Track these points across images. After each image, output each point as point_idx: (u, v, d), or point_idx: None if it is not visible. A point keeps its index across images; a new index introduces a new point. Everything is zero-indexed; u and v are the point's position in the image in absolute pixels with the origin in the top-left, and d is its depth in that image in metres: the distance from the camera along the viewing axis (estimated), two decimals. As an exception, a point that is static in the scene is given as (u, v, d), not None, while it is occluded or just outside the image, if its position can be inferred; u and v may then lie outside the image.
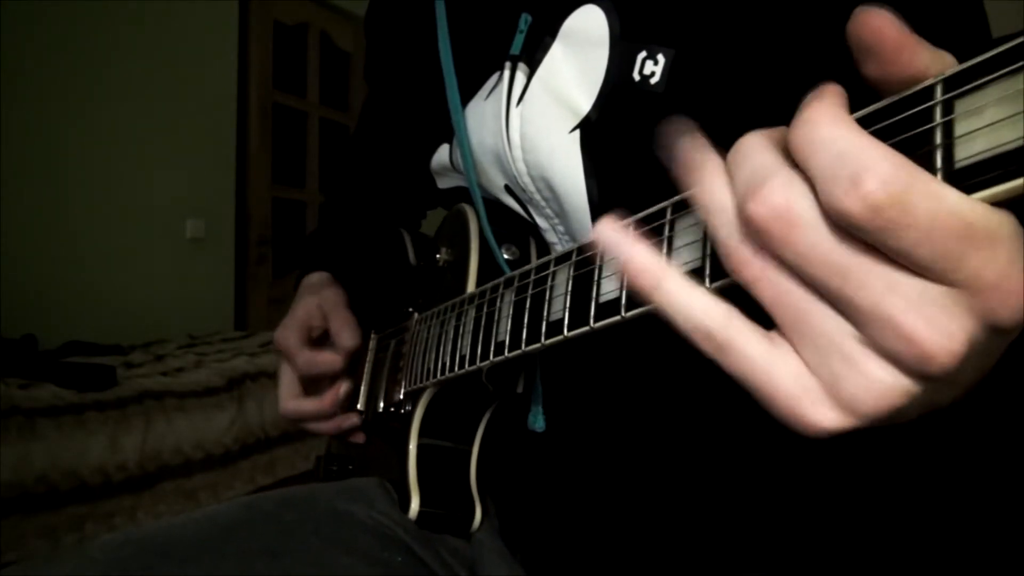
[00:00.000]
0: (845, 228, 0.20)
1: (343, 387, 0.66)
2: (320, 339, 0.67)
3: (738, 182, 0.22)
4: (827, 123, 0.20)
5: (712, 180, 0.24)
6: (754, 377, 0.23)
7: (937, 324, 0.19)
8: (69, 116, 2.60)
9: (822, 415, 0.22)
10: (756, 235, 0.22)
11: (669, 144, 0.25)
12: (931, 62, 0.20)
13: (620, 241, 0.26)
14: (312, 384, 0.68)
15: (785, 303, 0.22)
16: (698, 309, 0.24)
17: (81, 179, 2.66)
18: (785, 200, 0.21)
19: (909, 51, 0.20)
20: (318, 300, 0.68)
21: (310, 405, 0.66)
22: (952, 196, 0.18)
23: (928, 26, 0.22)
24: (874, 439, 0.39)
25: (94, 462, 1.73)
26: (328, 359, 0.65)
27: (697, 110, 0.42)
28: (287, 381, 0.67)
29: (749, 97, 0.40)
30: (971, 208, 0.18)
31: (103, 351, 2.34)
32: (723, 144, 0.26)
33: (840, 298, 0.21)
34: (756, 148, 0.23)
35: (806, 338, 0.22)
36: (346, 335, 0.64)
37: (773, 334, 0.23)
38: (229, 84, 3.29)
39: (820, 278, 0.21)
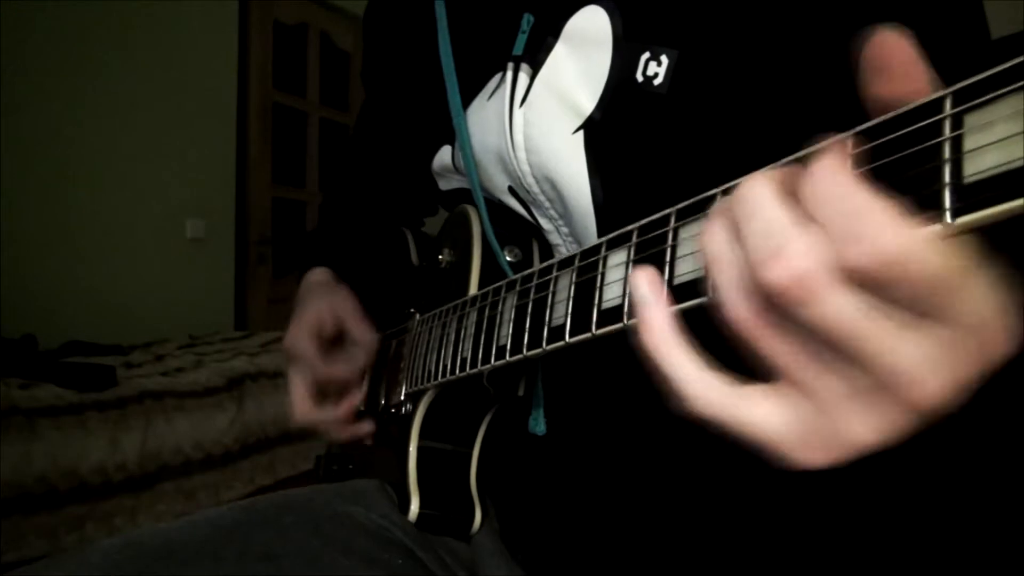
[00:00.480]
0: (859, 283, 0.20)
1: (358, 398, 0.65)
2: (329, 343, 0.67)
3: (749, 241, 0.23)
4: (830, 176, 0.21)
5: (717, 230, 0.24)
6: (754, 437, 0.24)
7: (934, 374, 0.20)
8: (69, 116, 2.60)
9: (819, 458, 0.23)
10: (771, 298, 0.22)
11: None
12: (926, 86, 0.21)
13: (651, 302, 0.27)
14: (325, 390, 0.67)
15: (790, 360, 0.23)
16: (699, 383, 0.25)
17: (81, 179, 2.66)
18: (807, 267, 0.21)
19: (917, 70, 0.21)
20: (328, 304, 0.66)
21: (327, 415, 0.65)
22: (938, 247, 0.19)
23: (927, 27, 0.22)
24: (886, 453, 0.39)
25: (94, 462, 1.73)
26: (343, 372, 0.64)
27: (700, 111, 0.42)
28: (299, 388, 0.65)
29: (752, 98, 0.40)
30: (957, 254, 0.19)
31: (103, 351, 2.34)
32: (726, 146, 0.26)
33: (848, 356, 0.21)
34: (764, 202, 0.23)
35: (807, 391, 0.23)
36: (367, 337, 0.65)
37: (767, 388, 0.24)
38: (229, 84, 3.29)
39: (836, 340, 0.21)
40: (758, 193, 0.23)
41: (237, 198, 3.36)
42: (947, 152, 0.19)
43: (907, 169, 0.20)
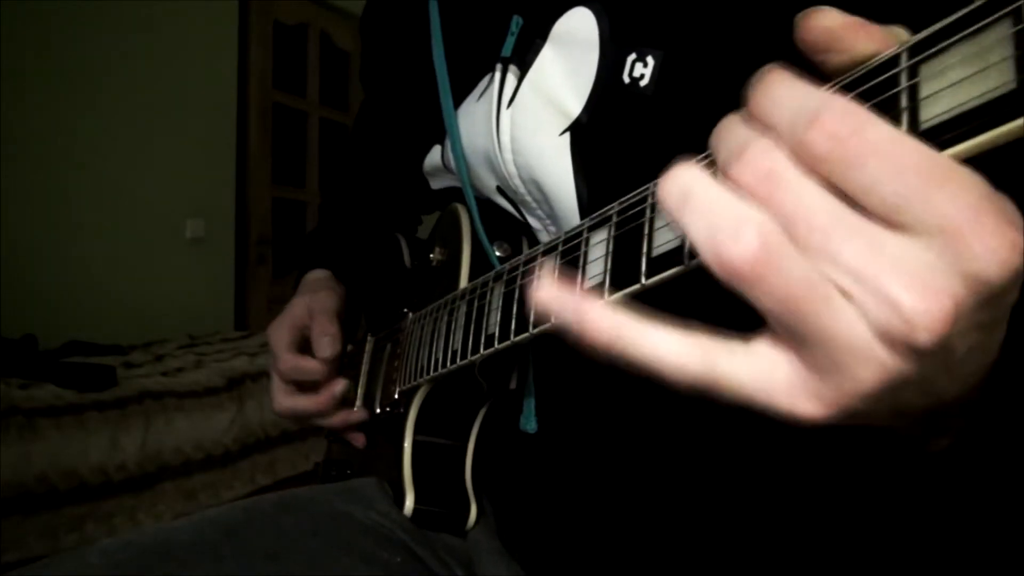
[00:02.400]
0: (814, 168, 0.20)
1: (339, 385, 0.66)
2: (309, 340, 0.68)
3: (720, 158, 0.23)
4: (784, 82, 0.21)
5: (684, 170, 0.23)
6: (745, 395, 0.23)
7: (921, 282, 0.19)
8: (69, 116, 2.61)
9: (817, 408, 0.22)
10: (745, 196, 0.22)
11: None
12: (886, 36, 0.21)
13: (565, 306, 0.25)
14: (305, 382, 0.68)
15: (786, 292, 0.21)
16: (670, 352, 0.23)
17: (81, 179, 2.66)
18: (768, 161, 0.21)
19: (862, 32, 0.21)
20: (309, 301, 0.68)
21: (305, 403, 0.66)
22: (909, 135, 0.19)
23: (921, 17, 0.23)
24: (875, 441, 0.39)
25: (94, 462, 1.73)
26: (310, 366, 0.65)
27: (687, 112, 0.42)
28: (275, 380, 0.68)
29: (739, 98, 0.40)
30: (929, 149, 0.19)
31: (103, 351, 2.34)
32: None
33: (829, 260, 0.20)
34: (732, 124, 0.23)
35: (803, 331, 0.21)
36: (323, 344, 0.64)
37: (754, 340, 0.23)
38: (229, 84, 3.29)
39: (806, 239, 0.20)
40: (727, 120, 0.23)
41: (237, 198, 3.37)
42: (904, 101, 0.20)
43: None
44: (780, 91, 0.21)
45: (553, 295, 0.26)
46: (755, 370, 0.23)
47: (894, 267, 0.19)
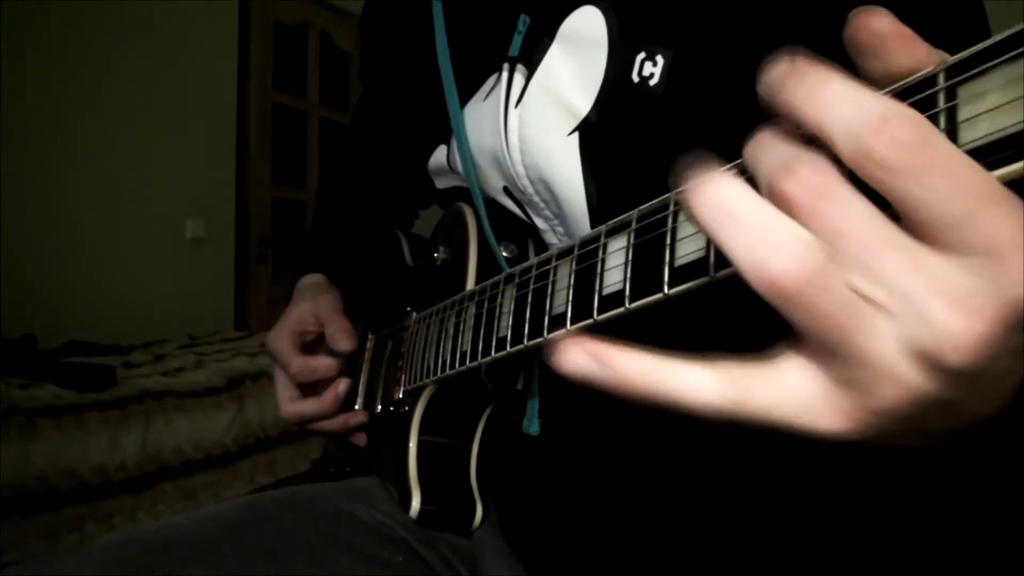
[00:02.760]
0: (869, 174, 0.19)
1: (342, 385, 0.66)
2: (312, 344, 0.67)
3: (763, 170, 0.22)
4: (839, 84, 0.20)
5: (723, 183, 0.22)
6: (776, 419, 0.23)
7: (961, 304, 0.19)
8: (69, 116, 2.60)
9: (838, 423, 0.22)
10: (791, 211, 0.21)
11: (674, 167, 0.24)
12: (927, 56, 0.21)
13: (592, 364, 0.25)
14: (309, 385, 0.67)
15: (826, 310, 0.20)
16: (700, 388, 0.23)
17: (81, 179, 2.66)
18: (821, 177, 0.20)
19: (909, 44, 0.20)
20: (312, 306, 0.67)
21: (310, 406, 0.65)
22: (967, 155, 0.19)
23: (929, 28, 0.22)
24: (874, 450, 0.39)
25: (94, 462, 1.73)
26: (324, 364, 0.64)
27: (696, 111, 0.42)
28: (283, 384, 0.67)
29: (748, 98, 0.40)
30: (977, 167, 0.19)
31: (103, 351, 2.34)
32: (723, 145, 0.25)
33: (870, 274, 0.20)
34: (774, 138, 0.22)
35: (838, 348, 0.21)
36: (343, 339, 0.64)
37: (779, 357, 0.23)
38: (229, 84, 3.29)
39: (853, 255, 0.20)
40: (768, 133, 0.23)
41: (237, 198, 3.36)
42: (943, 123, 0.20)
43: None
44: (836, 93, 0.20)
45: (579, 349, 0.25)
46: (781, 390, 0.22)
47: (934, 285, 0.19)
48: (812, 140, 0.21)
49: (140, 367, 2.19)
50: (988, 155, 0.19)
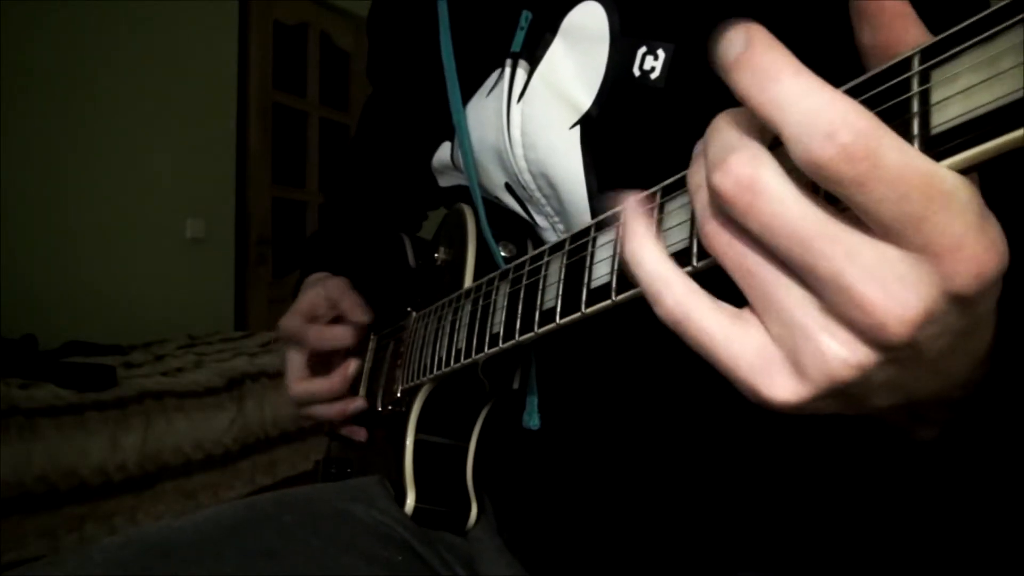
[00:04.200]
0: (817, 180, 0.20)
1: (352, 366, 0.66)
2: (326, 323, 0.68)
3: (708, 158, 0.23)
4: (790, 76, 0.20)
5: (695, 162, 0.25)
6: (713, 350, 0.24)
7: (893, 292, 0.19)
8: (69, 116, 2.60)
9: (780, 386, 0.22)
10: (722, 206, 0.22)
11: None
12: (917, 38, 0.21)
13: (633, 208, 0.27)
14: (320, 366, 0.68)
15: (750, 275, 0.23)
16: (660, 276, 0.25)
17: (81, 179, 2.66)
18: (750, 171, 0.21)
19: (904, 21, 0.21)
20: (323, 289, 0.68)
21: (319, 385, 0.66)
22: (918, 154, 0.19)
23: (934, 11, 0.23)
24: (873, 438, 0.39)
25: (94, 462, 1.73)
26: (339, 332, 0.65)
27: (697, 105, 0.42)
28: (294, 364, 0.67)
29: None
30: (934, 166, 0.19)
31: (103, 351, 2.34)
32: None
33: (802, 267, 0.21)
34: (724, 124, 0.23)
35: (770, 310, 0.22)
36: (359, 312, 0.65)
37: (741, 311, 0.24)
38: (229, 84, 3.29)
39: (783, 248, 0.21)
40: (721, 119, 0.24)
41: (237, 198, 3.37)
42: (916, 106, 0.20)
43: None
44: (788, 93, 0.20)
45: (638, 202, 0.27)
46: (725, 330, 0.23)
47: (865, 274, 0.20)
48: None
49: (140, 367, 2.19)
50: (959, 136, 0.19)
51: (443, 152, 0.61)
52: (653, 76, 0.43)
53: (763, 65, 0.21)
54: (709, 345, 0.24)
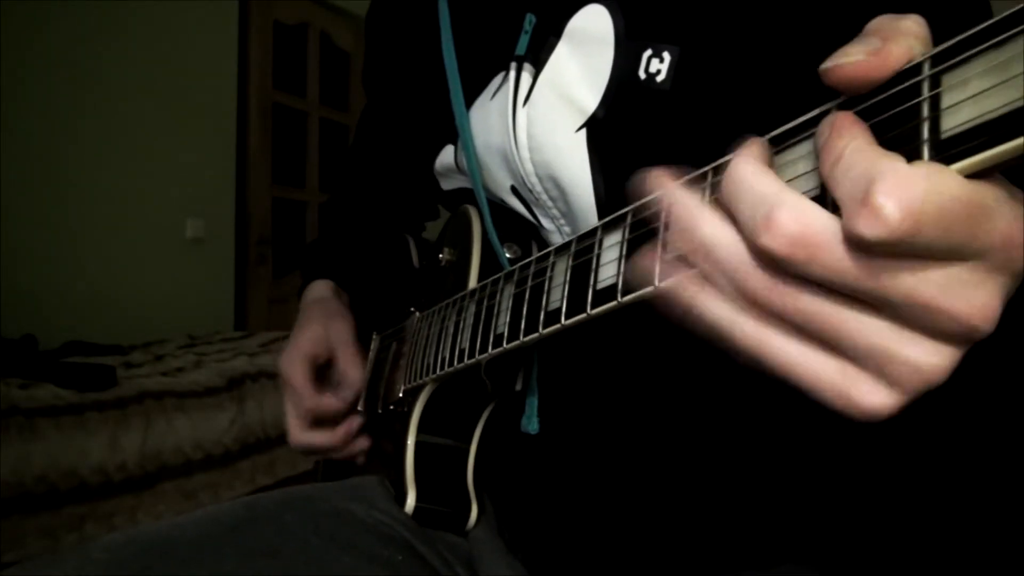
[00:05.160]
0: (870, 250, 0.20)
1: (355, 423, 0.66)
2: (324, 367, 0.67)
3: (744, 217, 0.23)
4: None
5: (707, 219, 0.24)
6: (797, 376, 0.24)
7: (973, 299, 0.20)
8: (69, 116, 2.60)
9: (871, 401, 0.23)
10: (776, 265, 0.22)
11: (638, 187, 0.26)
12: (913, 44, 0.21)
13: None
14: (317, 418, 0.67)
15: (817, 321, 0.23)
16: (725, 317, 0.24)
17: (81, 179, 2.66)
18: (801, 226, 0.21)
19: (886, 60, 0.21)
20: (324, 331, 0.67)
21: (321, 439, 0.65)
22: (949, 182, 0.19)
23: (934, 25, 0.23)
24: (873, 434, 0.39)
25: (94, 462, 1.73)
26: (332, 404, 0.65)
27: (703, 108, 0.42)
28: (294, 412, 0.66)
29: (755, 94, 0.40)
30: (962, 187, 0.19)
31: (103, 351, 2.34)
32: (730, 142, 0.26)
33: (875, 298, 0.21)
34: (751, 177, 0.23)
35: (843, 342, 0.22)
36: (352, 374, 0.65)
37: (808, 342, 0.24)
38: (229, 84, 3.29)
39: (851, 286, 0.21)
40: (742, 171, 0.23)
41: (237, 198, 3.37)
42: (926, 111, 0.20)
43: (890, 130, 0.21)
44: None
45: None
46: (807, 359, 0.24)
47: (944, 291, 0.21)
48: None
49: (140, 367, 2.19)
50: (969, 140, 0.19)
51: (446, 155, 0.61)
52: (659, 79, 0.43)
53: (838, 149, 0.21)
54: (792, 372, 0.24)
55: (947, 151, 0.19)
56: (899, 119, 0.21)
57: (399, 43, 0.69)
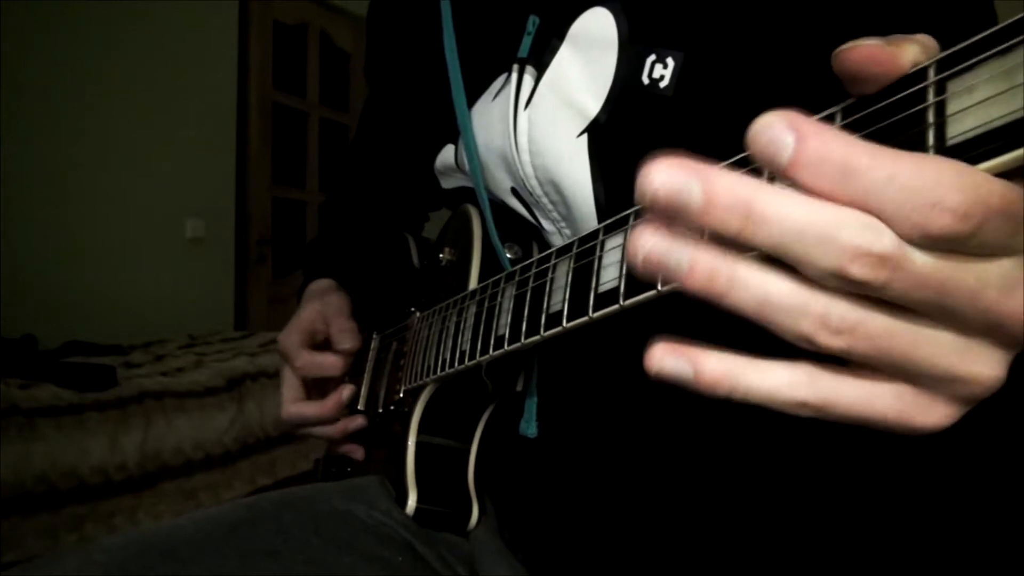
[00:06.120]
0: (929, 247, 0.20)
1: (346, 391, 0.66)
2: (323, 344, 0.67)
3: (833, 257, 0.21)
4: (870, 160, 0.19)
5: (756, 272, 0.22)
6: (859, 415, 0.23)
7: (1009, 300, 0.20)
8: (69, 116, 2.60)
9: (934, 418, 0.22)
10: (852, 289, 0.21)
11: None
12: (917, 53, 0.21)
13: (676, 356, 0.24)
14: (315, 389, 0.67)
15: (885, 348, 0.21)
16: (783, 387, 0.23)
17: (81, 179, 2.66)
18: (870, 244, 0.20)
19: (896, 57, 0.21)
20: (321, 306, 0.68)
21: (312, 409, 0.66)
22: (996, 181, 0.19)
23: (939, 30, 0.22)
24: (873, 439, 0.39)
25: (94, 462, 1.73)
26: (329, 361, 0.65)
27: (707, 114, 0.42)
28: (289, 385, 0.67)
29: (759, 100, 0.40)
30: (1005, 185, 0.19)
31: (103, 351, 2.34)
32: (732, 149, 0.25)
33: (941, 309, 0.21)
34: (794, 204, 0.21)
35: (908, 368, 0.22)
36: (345, 339, 0.65)
37: (856, 370, 0.23)
38: (229, 84, 3.29)
39: (922, 302, 0.20)
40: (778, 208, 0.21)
41: (237, 198, 3.36)
42: (931, 117, 0.20)
43: (895, 135, 0.21)
44: (879, 172, 0.19)
45: (667, 350, 0.24)
46: (868, 396, 0.23)
47: (1002, 291, 0.20)
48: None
49: (140, 367, 2.19)
50: (975, 148, 0.19)
51: (447, 154, 0.61)
52: (662, 84, 0.42)
53: (831, 157, 0.20)
54: (853, 414, 0.23)
55: (953, 159, 0.19)
56: (903, 124, 0.20)
57: (401, 40, 0.69)
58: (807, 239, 0.20)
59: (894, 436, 0.32)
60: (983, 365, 0.22)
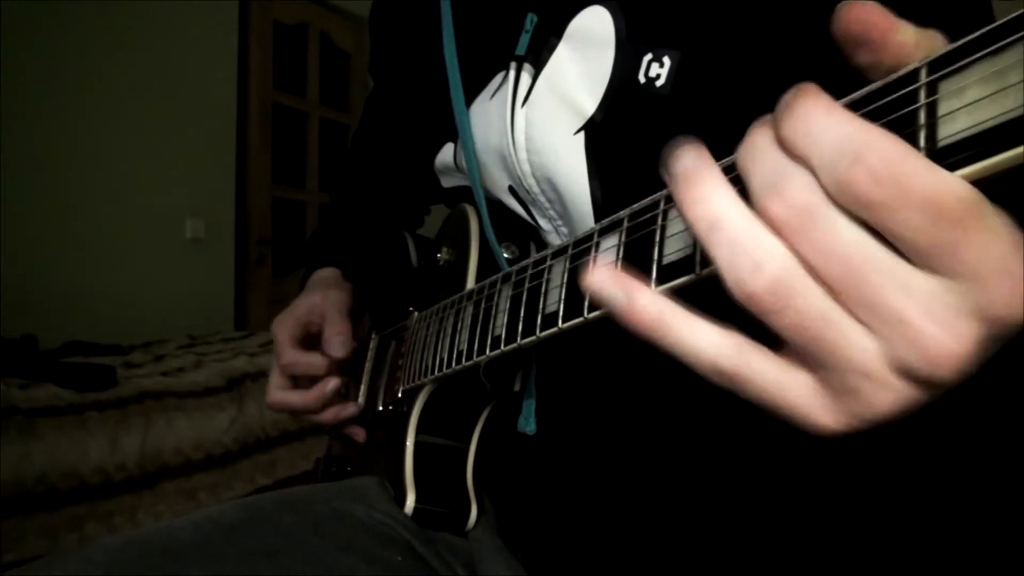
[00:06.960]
0: (851, 207, 0.20)
1: (330, 384, 0.65)
2: (316, 336, 0.67)
3: (754, 184, 0.22)
4: (823, 113, 0.20)
5: (715, 193, 0.23)
6: (768, 399, 0.23)
7: (947, 325, 0.19)
8: (69, 116, 2.60)
9: (833, 422, 0.23)
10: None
11: (664, 155, 0.25)
12: (919, 39, 0.21)
13: (617, 285, 0.25)
14: (302, 377, 0.68)
15: (801, 323, 0.22)
16: (708, 347, 0.24)
17: (81, 179, 2.66)
18: (806, 197, 0.21)
19: (897, 32, 0.21)
20: (321, 299, 0.67)
21: (295, 398, 0.66)
22: (945, 175, 0.19)
23: (939, 27, 0.22)
24: (872, 440, 0.39)
25: (94, 462, 1.73)
26: (310, 362, 0.65)
27: (703, 113, 0.42)
28: (276, 371, 0.68)
29: (755, 100, 0.40)
30: (963, 187, 0.19)
31: (103, 351, 2.34)
32: (729, 148, 0.25)
33: (857, 298, 0.20)
34: (767, 148, 0.22)
35: (819, 358, 0.22)
36: (336, 344, 0.64)
37: (781, 351, 0.23)
38: (229, 84, 3.29)
39: (838, 277, 0.21)
40: (760, 141, 0.23)
41: (237, 198, 3.37)
42: (922, 118, 0.20)
43: None
44: (818, 122, 0.20)
45: (608, 274, 0.26)
46: (778, 378, 0.23)
47: (921, 307, 0.19)
48: None
49: (140, 367, 2.19)
50: (966, 149, 0.19)
51: (446, 153, 0.61)
52: (658, 83, 0.43)
53: (799, 105, 0.21)
54: (763, 396, 0.23)
55: (943, 160, 0.19)
56: (895, 125, 0.20)
57: (401, 38, 0.69)
58: (754, 159, 0.22)
59: (894, 436, 0.32)
60: (888, 393, 0.21)
